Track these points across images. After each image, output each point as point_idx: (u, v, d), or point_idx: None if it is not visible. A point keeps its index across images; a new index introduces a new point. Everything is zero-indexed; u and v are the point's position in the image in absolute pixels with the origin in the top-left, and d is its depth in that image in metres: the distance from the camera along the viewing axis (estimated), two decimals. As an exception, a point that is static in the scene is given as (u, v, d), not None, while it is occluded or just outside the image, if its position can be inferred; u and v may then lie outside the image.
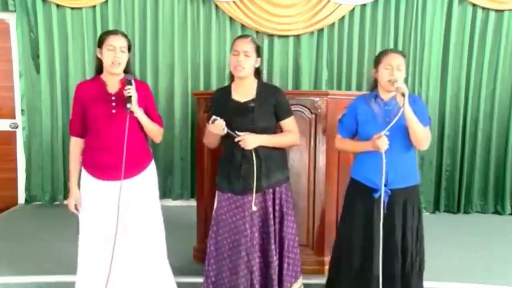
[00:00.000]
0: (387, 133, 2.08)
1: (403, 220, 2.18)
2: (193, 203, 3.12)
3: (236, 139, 2.14)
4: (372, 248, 2.15)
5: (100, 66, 2.21)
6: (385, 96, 2.21)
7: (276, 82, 4.31)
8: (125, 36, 2.20)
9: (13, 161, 4.50)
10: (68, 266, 2.85)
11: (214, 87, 4.33)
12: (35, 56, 4.32)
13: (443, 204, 4.43)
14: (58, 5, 4.24)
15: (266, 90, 2.27)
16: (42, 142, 4.38)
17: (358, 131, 2.27)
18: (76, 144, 2.25)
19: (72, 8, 4.26)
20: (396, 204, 2.16)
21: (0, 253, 3.10)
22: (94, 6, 4.27)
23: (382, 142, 2.06)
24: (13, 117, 4.45)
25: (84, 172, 2.22)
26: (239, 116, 2.19)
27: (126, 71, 2.21)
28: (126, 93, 2.08)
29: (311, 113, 2.69)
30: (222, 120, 2.12)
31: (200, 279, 2.42)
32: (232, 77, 2.31)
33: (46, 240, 3.39)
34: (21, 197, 4.51)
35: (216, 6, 4.29)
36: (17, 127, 4.44)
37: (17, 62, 4.35)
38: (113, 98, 2.16)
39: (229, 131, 2.13)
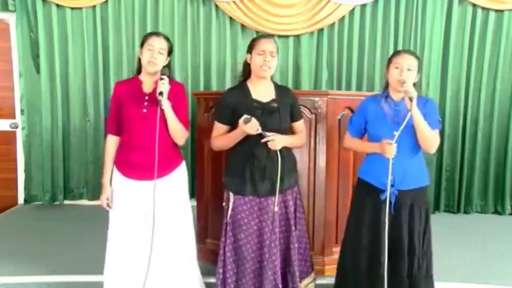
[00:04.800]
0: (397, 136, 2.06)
1: (410, 222, 2.16)
2: (193, 203, 3.11)
3: (265, 140, 2.11)
4: (379, 249, 2.14)
5: (140, 66, 2.25)
6: (395, 96, 2.20)
7: (276, 82, 4.30)
8: (167, 39, 2.25)
9: (13, 161, 4.49)
10: (68, 266, 2.87)
11: (214, 87, 4.32)
12: (35, 56, 4.31)
13: (443, 204, 4.43)
14: (58, 5, 4.24)
15: (282, 90, 2.30)
16: (42, 142, 4.37)
17: (367, 131, 2.26)
18: (111, 142, 2.28)
19: (72, 8, 4.26)
20: (403, 205, 2.15)
21: (0, 253, 3.10)
22: (94, 6, 4.26)
23: (390, 150, 2.04)
24: (13, 117, 4.44)
25: (115, 171, 2.24)
26: (265, 116, 2.16)
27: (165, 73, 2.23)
28: (158, 86, 2.09)
29: (311, 113, 2.69)
30: (255, 120, 2.09)
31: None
32: (246, 77, 2.29)
33: (46, 240, 3.39)
34: (21, 197, 4.50)
35: (216, 6, 4.28)
36: (17, 127, 4.44)
37: (17, 62, 4.34)
38: (146, 97, 2.17)
39: (262, 131, 2.09)
